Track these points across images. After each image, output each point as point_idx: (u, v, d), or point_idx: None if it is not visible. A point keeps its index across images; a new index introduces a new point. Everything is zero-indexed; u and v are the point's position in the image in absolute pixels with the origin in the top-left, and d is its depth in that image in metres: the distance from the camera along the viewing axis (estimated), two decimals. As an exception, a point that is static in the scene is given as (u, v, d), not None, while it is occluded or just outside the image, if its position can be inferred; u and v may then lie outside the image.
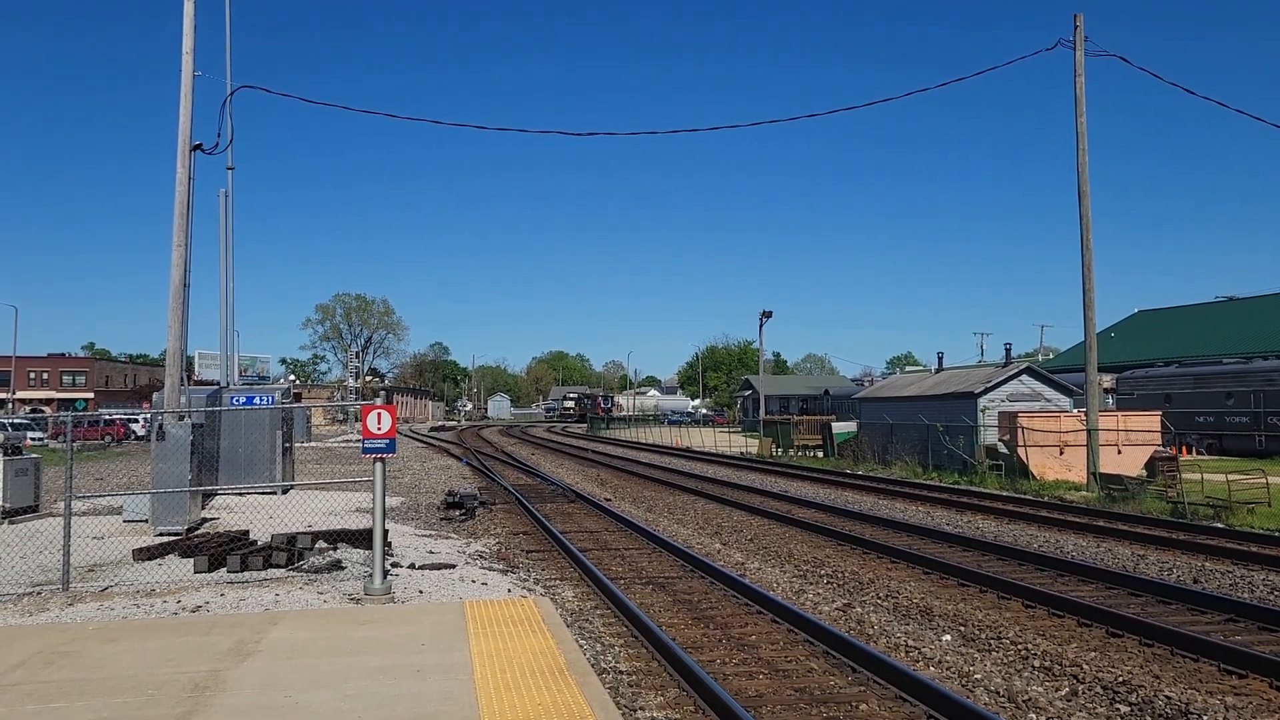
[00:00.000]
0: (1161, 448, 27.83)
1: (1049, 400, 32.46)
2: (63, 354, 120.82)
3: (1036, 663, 9.16)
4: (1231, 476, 21.90)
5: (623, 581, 13.15)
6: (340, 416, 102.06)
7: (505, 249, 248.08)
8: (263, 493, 21.73)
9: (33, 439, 48.17)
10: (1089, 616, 10.71)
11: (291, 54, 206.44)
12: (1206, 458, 36.07)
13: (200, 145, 17.98)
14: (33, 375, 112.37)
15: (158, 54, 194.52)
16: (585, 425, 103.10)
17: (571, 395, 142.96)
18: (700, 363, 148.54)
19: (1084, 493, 24.70)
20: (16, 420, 47.82)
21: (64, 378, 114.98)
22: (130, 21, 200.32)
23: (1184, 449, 36.59)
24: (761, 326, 62.58)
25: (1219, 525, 18.32)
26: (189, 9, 17.66)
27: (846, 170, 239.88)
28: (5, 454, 18.56)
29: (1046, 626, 10.65)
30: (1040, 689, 8.40)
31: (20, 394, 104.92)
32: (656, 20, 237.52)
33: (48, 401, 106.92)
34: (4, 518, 17.70)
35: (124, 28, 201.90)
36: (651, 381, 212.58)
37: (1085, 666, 8.95)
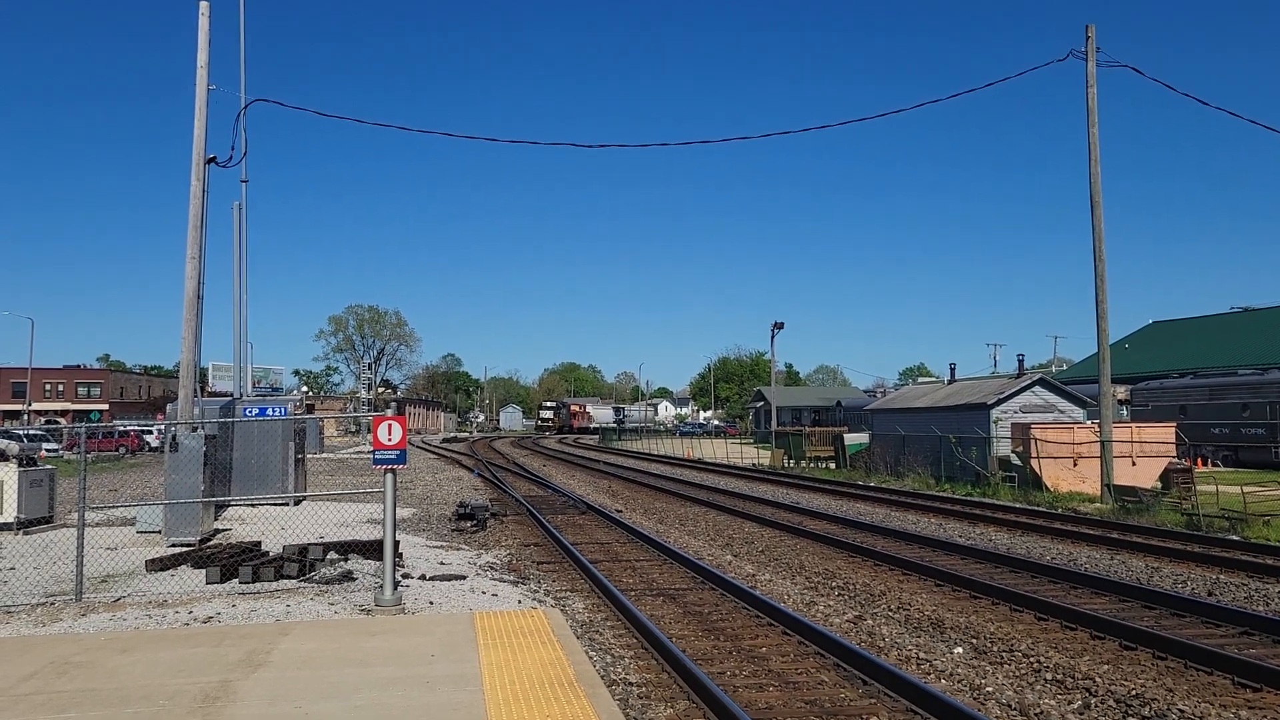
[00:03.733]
0: (1176, 459, 27.66)
1: (1062, 412, 32.31)
2: (78, 366, 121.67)
3: (1049, 675, 9.11)
4: (1247, 488, 21.76)
5: (633, 593, 13.14)
6: (353, 428, 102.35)
7: (518, 260, 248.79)
8: (275, 504, 21.79)
9: (48, 450, 48.41)
10: (1102, 629, 10.65)
11: (304, 65, 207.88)
12: (1222, 469, 35.84)
13: (214, 158, 18.13)
14: (48, 387, 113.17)
15: (173, 66, 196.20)
16: (597, 437, 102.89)
17: (549, 405, 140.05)
18: (712, 374, 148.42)
19: (1098, 505, 24.56)
20: (32, 431, 48.07)
21: (79, 389, 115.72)
22: (145, 34, 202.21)
23: (1199, 461, 36.36)
24: (773, 338, 62.52)
25: (1234, 538, 18.18)
26: (203, 24, 17.82)
27: (858, 181, 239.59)
28: (20, 465, 18.67)
29: (1059, 639, 10.59)
30: (1053, 702, 8.35)
31: (36, 405, 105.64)
32: (668, 33, 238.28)
33: (63, 413, 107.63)
34: (19, 528, 17.81)
35: (139, 40, 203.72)
36: (663, 393, 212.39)
37: (1098, 679, 8.90)
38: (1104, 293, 26.17)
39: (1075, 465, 27.29)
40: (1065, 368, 76.97)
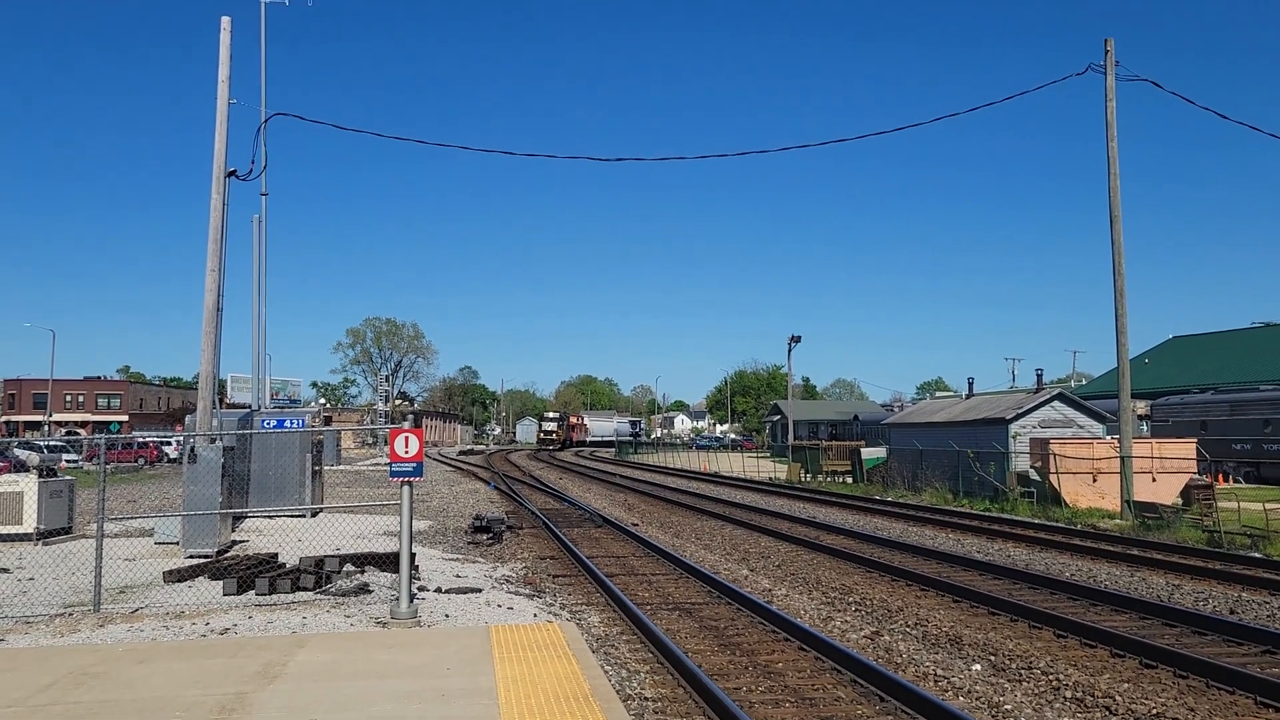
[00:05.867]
0: (1197, 475, 27.41)
1: (1081, 427, 32.10)
2: (98, 377, 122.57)
3: (1068, 694, 9.02)
4: (1269, 505, 21.54)
5: (649, 607, 13.11)
6: (369, 440, 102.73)
7: (535, 273, 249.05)
8: (292, 515, 21.88)
9: (68, 461, 48.75)
10: (1122, 647, 10.54)
11: (322, 76, 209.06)
12: (1244, 486, 35.50)
13: (234, 171, 18.28)
14: (69, 398, 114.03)
15: (194, 80, 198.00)
16: (612, 451, 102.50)
17: (551, 417, 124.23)
18: (729, 387, 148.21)
19: (1117, 521, 24.36)
20: (52, 442, 48.47)
21: (99, 400, 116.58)
22: (165, 49, 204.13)
23: (1220, 477, 36.02)
24: (790, 351, 62.44)
25: (1256, 555, 17.99)
26: (225, 40, 18.00)
27: (875, 194, 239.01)
28: (40, 476, 18.81)
29: (1079, 657, 10.49)
30: (1072, 720, 8.27)
31: (56, 416, 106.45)
32: (683, 47, 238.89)
33: (83, 424, 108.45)
34: (39, 539, 17.93)
35: (159, 55, 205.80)
36: (680, 406, 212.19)
37: (1118, 698, 8.80)
38: (1123, 307, 26.01)
39: (1095, 481, 27.08)
40: (1084, 382, 76.50)
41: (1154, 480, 26.46)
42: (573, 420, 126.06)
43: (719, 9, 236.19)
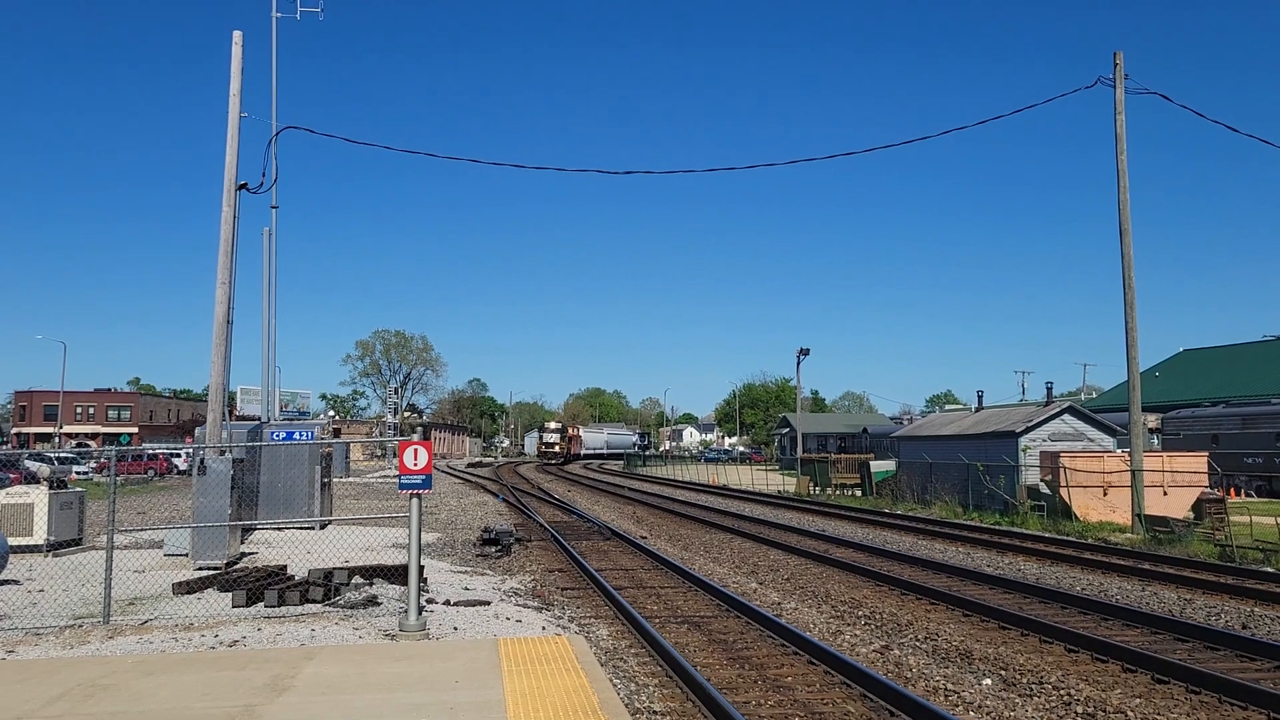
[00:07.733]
0: (1209, 489, 27.26)
1: (1092, 440, 31.96)
2: (109, 389, 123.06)
3: (1080, 709, 8.96)
4: (1282, 519, 21.39)
5: (658, 620, 13.07)
6: (379, 452, 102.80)
7: (544, 285, 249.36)
8: (301, 528, 21.90)
9: (78, 473, 48.92)
10: (1134, 662, 10.48)
11: (332, 87, 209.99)
12: (1256, 500, 35.29)
13: (245, 184, 18.39)
14: (79, 410, 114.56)
15: (204, 93, 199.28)
16: (622, 462, 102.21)
17: (554, 428, 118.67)
18: (737, 400, 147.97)
19: (1128, 535, 24.23)
20: (63, 454, 48.65)
21: (109, 412, 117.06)
22: (177, 61, 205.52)
23: (1232, 491, 35.81)
24: (799, 364, 62.39)
25: (1269, 569, 17.87)
26: (236, 53, 18.12)
27: (884, 206, 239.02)
28: (51, 488, 18.87)
29: (1090, 672, 10.42)
30: (1084, 736, 8.21)
31: (67, 428, 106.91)
32: (694, 59, 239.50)
33: (93, 436, 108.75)
34: (49, 550, 17.98)
35: (170, 67, 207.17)
36: (688, 419, 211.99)
37: (1130, 713, 8.74)
38: (1134, 320, 25.94)
39: (1105, 494, 26.95)
40: (1095, 396, 76.27)
41: (1165, 494, 26.32)
42: (571, 432, 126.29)
43: (728, 21, 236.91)
